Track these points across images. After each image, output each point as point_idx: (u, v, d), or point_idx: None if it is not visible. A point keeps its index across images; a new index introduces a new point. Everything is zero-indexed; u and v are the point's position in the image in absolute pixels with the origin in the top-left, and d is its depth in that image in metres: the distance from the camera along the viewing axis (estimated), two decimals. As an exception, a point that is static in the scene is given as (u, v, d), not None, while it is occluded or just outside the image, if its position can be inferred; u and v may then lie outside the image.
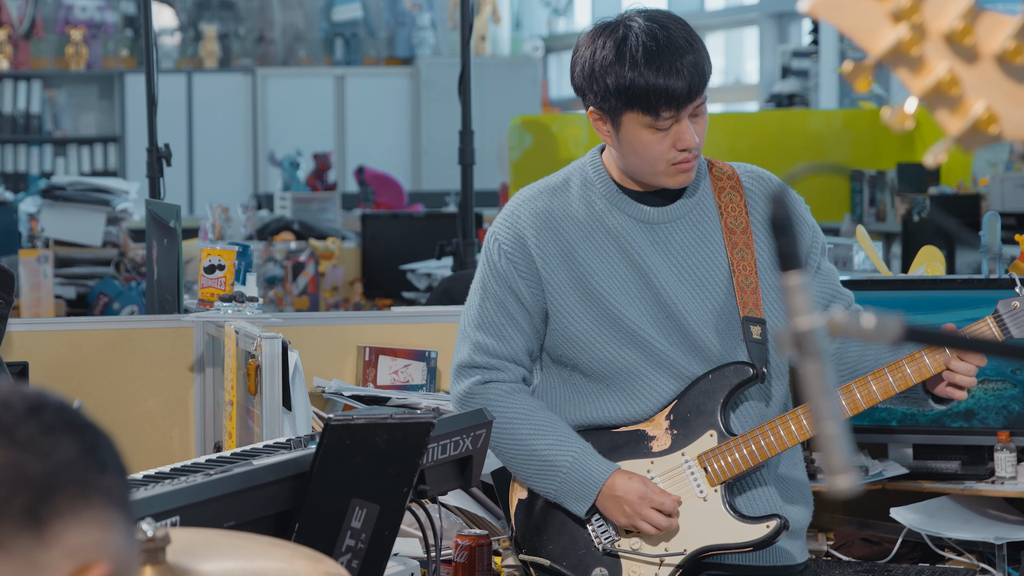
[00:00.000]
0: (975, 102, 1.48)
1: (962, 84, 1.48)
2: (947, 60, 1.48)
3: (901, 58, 1.48)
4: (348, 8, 14.89)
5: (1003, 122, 1.48)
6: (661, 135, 3.12)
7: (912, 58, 1.48)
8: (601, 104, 3.14)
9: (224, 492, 2.34)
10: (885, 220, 8.96)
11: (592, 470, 3.17)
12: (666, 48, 3.07)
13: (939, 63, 1.48)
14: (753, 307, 3.18)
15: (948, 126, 1.50)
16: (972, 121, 1.48)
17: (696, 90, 3.09)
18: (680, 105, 3.08)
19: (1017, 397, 3.68)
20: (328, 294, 8.42)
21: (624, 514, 3.16)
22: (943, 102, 1.49)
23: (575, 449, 3.18)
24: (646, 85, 3.07)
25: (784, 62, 12.44)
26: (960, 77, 1.48)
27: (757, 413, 3.23)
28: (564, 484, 3.18)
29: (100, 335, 4.13)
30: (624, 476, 3.17)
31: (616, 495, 3.15)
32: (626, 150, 3.16)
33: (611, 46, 3.10)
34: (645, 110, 3.09)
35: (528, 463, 3.21)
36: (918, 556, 3.64)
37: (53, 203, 7.93)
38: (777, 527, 3.14)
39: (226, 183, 13.97)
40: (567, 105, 15.71)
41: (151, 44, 5.94)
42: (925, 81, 1.48)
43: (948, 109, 1.49)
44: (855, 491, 1.50)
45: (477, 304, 3.26)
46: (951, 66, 1.48)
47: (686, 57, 3.07)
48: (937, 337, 1.59)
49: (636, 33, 3.09)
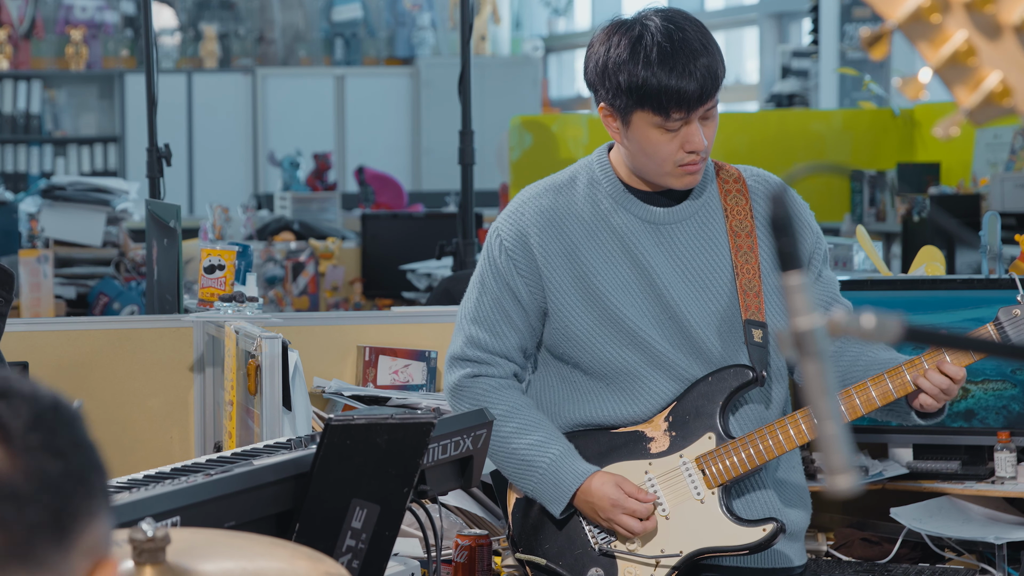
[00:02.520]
0: (990, 74, 1.47)
1: (979, 55, 1.47)
2: (965, 29, 1.47)
3: (919, 25, 1.47)
4: (348, 8, 14.88)
5: (1017, 95, 1.47)
6: (670, 136, 3.12)
7: (930, 25, 1.47)
8: (612, 101, 3.14)
9: (224, 492, 2.34)
10: (885, 220, 8.96)
11: (567, 473, 3.17)
12: (680, 49, 3.07)
13: (957, 32, 1.47)
14: (755, 310, 3.18)
15: (961, 97, 1.48)
16: (985, 93, 1.47)
17: (708, 93, 3.09)
18: (691, 107, 3.09)
19: (1017, 397, 3.68)
20: (328, 294, 8.43)
21: (600, 519, 3.17)
22: (958, 72, 1.48)
23: (554, 450, 3.18)
24: (658, 85, 3.07)
25: (784, 62, 12.44)
26: (977, 47, 1.47)
27: (757, 416, 3.23)
28: (540, 485, 3.19)
29: (100, 335, 4.13)
30: (600, 480, 3.16)
31: (590, 500, 3.16)
32: (634, 149, 3.16)
33: (626, 44, 3.10)
34: (656, 110, 3.09)
35: (508, 461, 3.22)
36: (918, 556, 3.64)
37: (53, 203, 7.93)
38: (774, 531, 3.14)
39: (226, 183, 13.97)
40: (567, 105, 15.72)
41: (151, 44, 5.94)
42: (942, 50, 1.47)
43: (962, 80, 1.48)
44: (855, 491, 1.50)
45: (475, 298, 3.27)
46: (969, 36, 1.47)
47: (700, 59, 3.07)
48: (937, 337, 1.59)
49: (652, 32, 3.09)
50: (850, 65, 11.46)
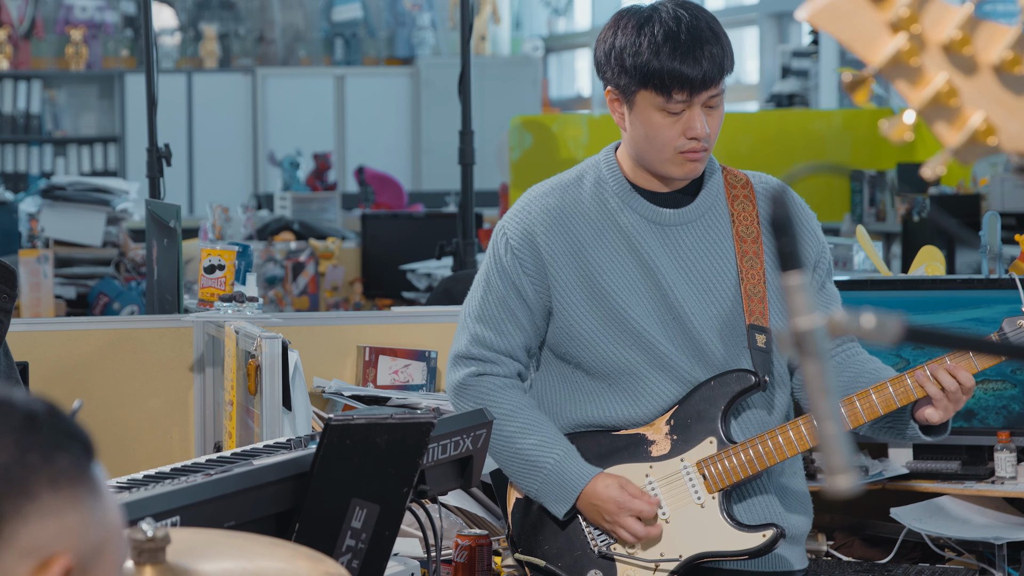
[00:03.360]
0: (973, 113, 1.48)
1: (960, 95, 1.48)
2: (945, 71, 1.48)
3: (900, 68, 1.48)
4: (348, 8, 14.88)
5: (1001, 134, 1.48)
6: (672, 119, 3.12)
7: (911, 68, 1.48)
8: (617, 82, 3.15)
9: (224, 492, 2.34)
10: (885, 220, 8.96)
11: (573, 473, 3.16)
12: (688, 33, 3.10)
13: (937, 74, 1.48)
14: (759, 316, 3.18)
15: (946, 138, 1.49)
16: (970, 133, 1.48)
17: (711, 79, 3.10)
18: (693, 90, 3.09)
19: (1017, 397, 3.68)
20: (328, 294, 8.42)
21: (604, 520, 3.16)
22: (941, 113, 1.49)
23: (558, 451, 3.18)
24: (660, 65, 3.09)
25: (784, 62, 12.44)
26: (958, 88, 1.48)
27: (759, 421, 3.22)
28: (545, 485, 3.18)
29: (100, 335, 4.12)
30: (604, 482, 3.16)
31: (594, 502, 3.15)
32: (637, 134, 3.17)
33: (633, 26, 3.13)
34: (658, 90, 3.10)
35: (512, 460, 3.21)
36: (918, 556, 3.64)
37: (53, 203, 7.93)
38: (773, 536, 3.13)
39: (226, 183, 13.97)
40: (567, 105, 15.71)
41: (151, 44, 5.94)
42: (923, 92, 1.48)
43: (946, 121, 1.49)
44: (855, 491, 1.50)
45: (479, 296, 3.26)
46: (949, 77, 1.48)
47: (706, 46, 3.10)
48: (937, 337, 1.59)
49: (662, 17, 3.12)
50: (850, 65, 11.46)
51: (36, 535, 1.38)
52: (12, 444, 1.40)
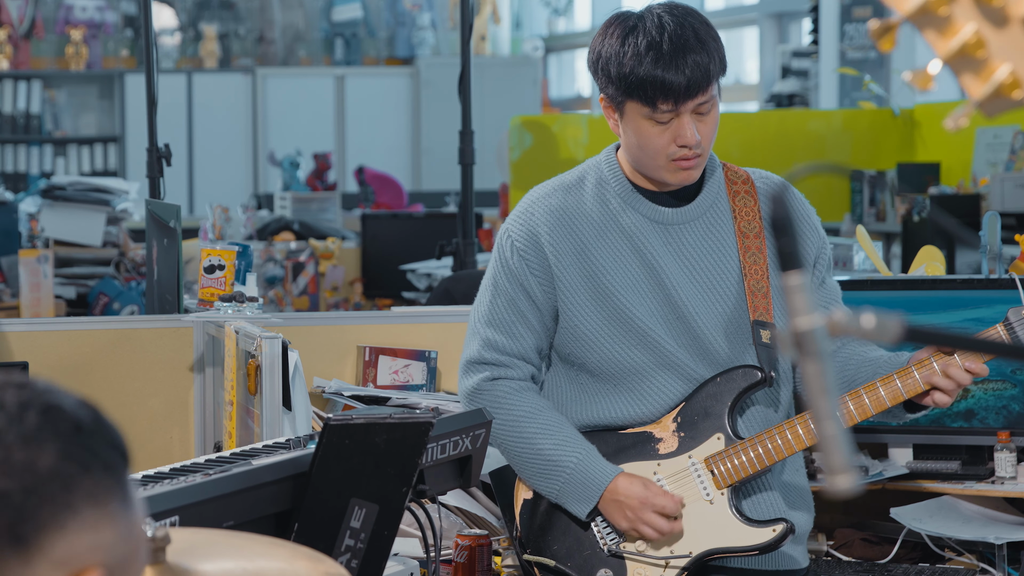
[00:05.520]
0: (1000, 66, 1.47)
1: (988, 47, 1.47)
2: (974, 21, 1.46)
3: (928, 17, 1.47)
4: (348, 8, 14.89)
5: None
6: (661, 128, 3.12)
7: (939, 17, 1.47)
8: (605, 90, 3.16)
9: (224, 492, 2.34)
10: (885, 220, 8.96)
11: (596, 472, 3.16)
12: (671, 42, 3.07)
13: (966, 24, 1.47)
14: (763, 311, 3.18)
15: (971, 89, 1.48)
16: (995, 86, 1.47)
17: (696, 87, 3.08)
18: (678, 99, 3.08)
19: (1017, 397, 3.68)
20: (328, 294, 8.42)
21: (626, 518, 3.15)
22: (968, 64, 1.48)
23: (580, 450, 3.17)
24: (643, 76, 3.07)
25: (784, 62, 12.44)
26: (986, 39, 1.46)
27: (764, 417, 3.22)
28: (567, 485, 3.17)
29: (100, 335, 4.12)
30: (627, 480, 3.16)
31: (618, 499, 3.15)
32: (630, 141, 3.17)
33: (619, 35, 3.11)
34: (643, 101, 3.09)
35: (532, 462, 3.20)
36: (918, 556, 3.64)
37: (53, 203, 7.93)
38: (783, 531, 3.13)
39: (226, 183, 13.97)
40: (567, 105, 15.71)
41: (151, 44, 5.94)
42: (951, 42, 1.47)
43: (972, 72, 1.48)
44: (855, 491, 1.50)
45: (488, 300, 3.26)
46: (978, 28, 1.46)
47: (690, 54, 3.06)
48: (937, 337, 1.59)
49: (647, 25, 3.09)
50: (850, 65, 11.46)
51: (71, 546, 1.38)
52: (57, 452, 1.39)
